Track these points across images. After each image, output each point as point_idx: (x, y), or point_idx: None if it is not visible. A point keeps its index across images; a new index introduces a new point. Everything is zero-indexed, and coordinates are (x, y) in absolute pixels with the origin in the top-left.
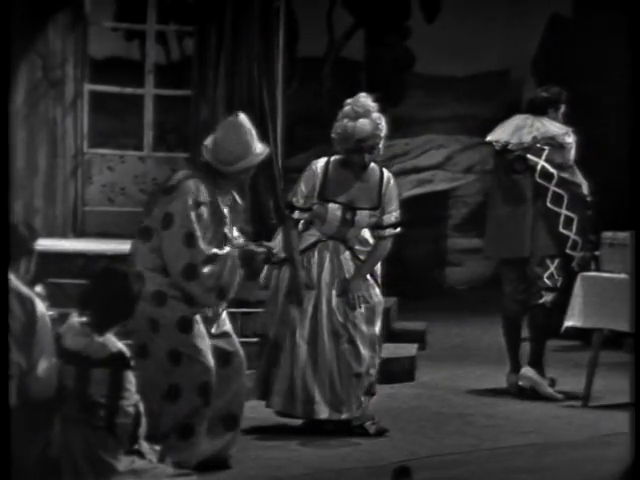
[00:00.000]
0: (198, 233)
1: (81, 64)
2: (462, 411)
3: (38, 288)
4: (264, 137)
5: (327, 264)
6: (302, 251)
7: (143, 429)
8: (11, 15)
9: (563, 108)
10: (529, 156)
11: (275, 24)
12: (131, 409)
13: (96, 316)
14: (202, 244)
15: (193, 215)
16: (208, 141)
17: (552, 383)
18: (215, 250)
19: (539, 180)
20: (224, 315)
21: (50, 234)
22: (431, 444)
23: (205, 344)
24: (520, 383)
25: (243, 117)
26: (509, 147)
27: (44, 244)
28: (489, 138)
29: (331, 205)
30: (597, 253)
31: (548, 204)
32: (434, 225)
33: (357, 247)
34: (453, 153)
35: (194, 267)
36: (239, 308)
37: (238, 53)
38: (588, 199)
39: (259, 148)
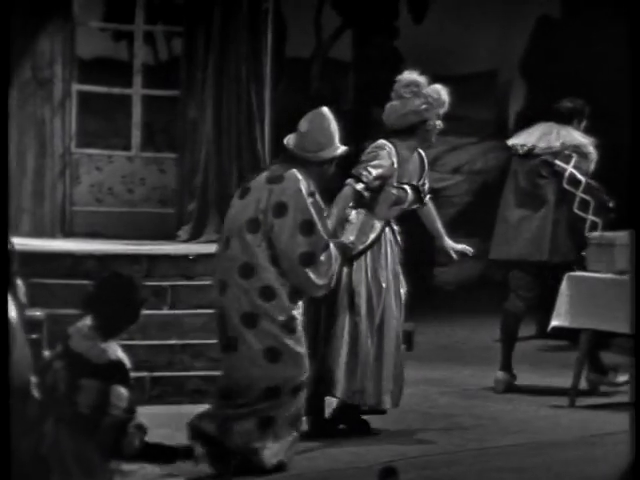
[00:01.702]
0: (316, 220)
1: (69, 64)
2: (449, 411)
3: (18, 281)
4: (251, 139)
5: (389, 254)
6: (371, 244)
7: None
8: (11, 15)
9: (585, 122)
10: (557, 162)
11: (263, 25)
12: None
13: (101, 321)
14: (321, 231)
15: (309, 203)
16: (291, 135)
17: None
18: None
19: (566, 186)
20: None
21: (38, 234)
22: (418, 444)
23: (304, 347)
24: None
25: (327, 110)
26: (535, 151)
27: (32, 244)
28: (512, 142)
29: (408, 188)
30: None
31: (575, 209)
32: (422, 225)
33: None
34: (441, 153)
35: (312, 255)
36: None
37: (226, 54)
38: (611, 204)
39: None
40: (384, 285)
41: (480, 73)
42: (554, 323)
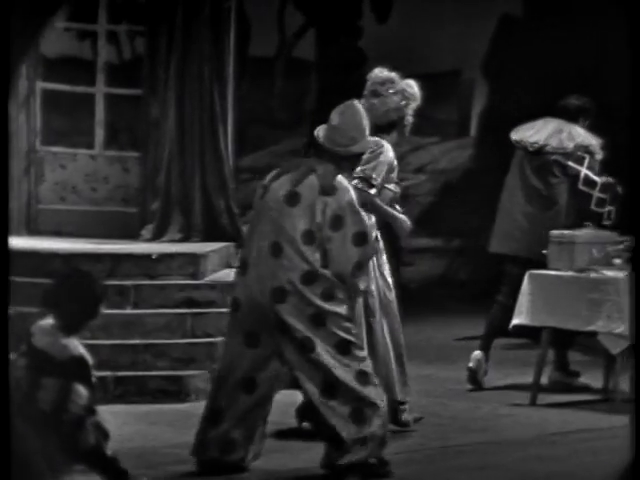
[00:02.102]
0: (369, 231)
1: (34, 62)
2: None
3: None
4: (214, 137)
5: (382, 250)
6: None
7: (91, 443)
8: (11, 15)
9: (590, 121)
10: (571, 164)
11: (226, 24)
12: (81, 424)
13: (61, 317)
14: (372, 240)
15: (363, 213)
16: (321, 127)
17: (577, 374)
18: None
19: (582, 187)
20: None
21: None
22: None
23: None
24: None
25: (358, 104)
26: (546, 149)
27: None
28: (518, 137)
29: (397, 186)
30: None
31: (592, 207)
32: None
33: None
34: (404, 153)
35: (362, 264)
36: (190, 309)
37: (189, 53)
38: (620, 190)
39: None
40: (389, 280)
41: (443, 73)
42: (515, 321)
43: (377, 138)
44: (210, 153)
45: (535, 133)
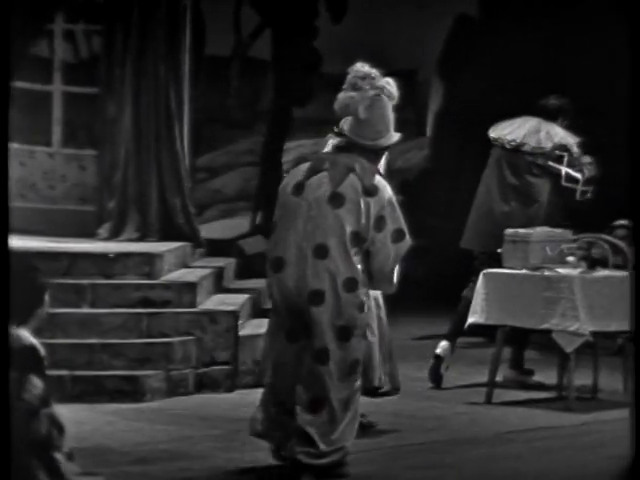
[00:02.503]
0: (406, 229)
1: None
2: (366, 409)
3: None
4: (170, 137)
5: None
6: None
7: (43, 434)
8: (11, 15)
9: (568, 120)
10: (550, 163)
11: (181, 23)
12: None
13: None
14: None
15: (399, 211)
16: (346, 120)
17: (531, 372)
18: None
19: (565, 184)
20: None
21: None
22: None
23: None
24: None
25: (385, 98)
26: (524, 148)
27: None
28: (496, 134)
29: None
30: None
31: (578, 198)
32: None
33: None
34: None
35: (397, 261)
36: (146, 308)
37: (145, 52)
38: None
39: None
40: None
41: (399, 73)
42: (471, 320)
43: None
44: (166, 152)
45: (513, 131)
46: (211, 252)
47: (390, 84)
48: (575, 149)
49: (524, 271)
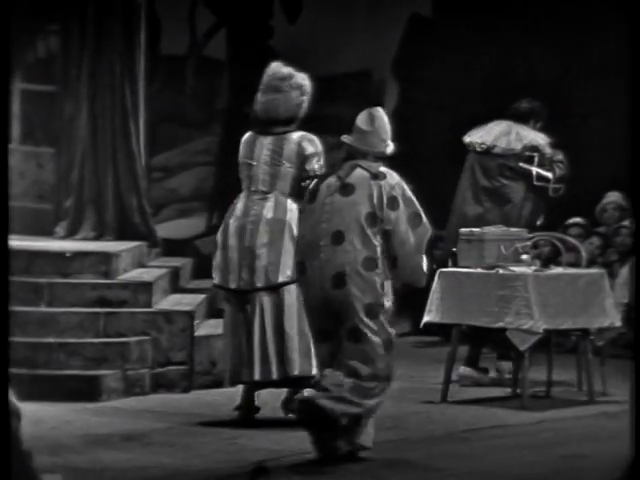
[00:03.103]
0: (422, 212)
1: None
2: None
3: None
4: (126, 136)
5: None
6: None
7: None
8: (11, 15)
9: (541, 123)
10: (521, 164)
11: (136, 22)
12: None
13: None
14: (427, 222)
15: (411, 195)
16: (348, 136)
17: (487, 371)
18: None
19: (537, 183)
20: None
21: None
22: (292, 443)
23: None
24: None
25: (382, 109)
26: (494, 150)
27: None
28: (468, 139)
29: None
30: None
31: (550, 194)
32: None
33: None
34: None
35: (420, 245)
36: (103, 308)
37: (101, 51)
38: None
39: None
40: None
41: (354, 73)
42: (426, 319)
43: (303, 132)
44: (122, 151)
45: (484, 135)
46: (167, 252)
47: (305, 79)
48: (547, 149)
49: (479, 270)
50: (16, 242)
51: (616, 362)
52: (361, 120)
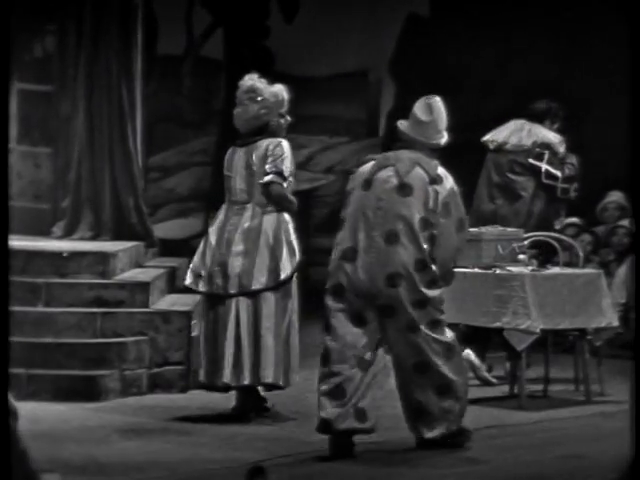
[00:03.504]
0: (466, 218)
1: None
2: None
3: None
4: (123, 136)
5: None
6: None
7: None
8: (11, 15)
9: (558, 124)
10: (531, 161)
11: (133, 22)
12: None
13: None
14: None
15: (460, 201)
16: (404, 123)
17: (489, 369)
18: None
19: (546, 181)
20: None
21: None
22: (289, 443)
23: None
24: None
25: (434, 99)
26: (506, 147)
27: None
28: (485, 138)
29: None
30: None
31: (559, 195)
32: (296, 225)
33: None
34: (314, 153)
35: (462, 250)
36: (100, 308)
37: (97, 51)
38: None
39: None
40: None
41: (351, 73)
42: None
43: (272, 139)
44: (119, 151)
45: (497, 132)
46: (164, 252)
47: (275, 95)
48: (559, 149)
49: (476, 270)
50: (13, 242)
51: (613, 362)
52: (419, 109)
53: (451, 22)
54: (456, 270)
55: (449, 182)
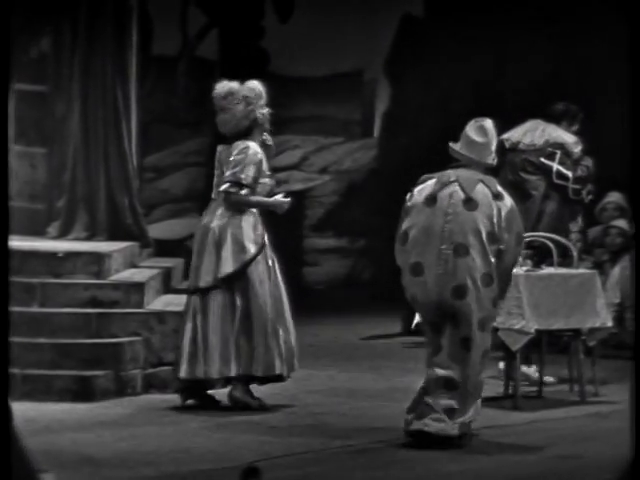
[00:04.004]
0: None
1: None
2: (314, 410)
3: None
4: (118, 136)
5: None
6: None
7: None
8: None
9: (577, 126)
10: (542, 160)
11: (128, 22)
12: None
13: None
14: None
15: (519, 217)
16: (459, 145)
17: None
18: None
19: (557, 181)
20: None
21: None
22: (283, 443)
23: None
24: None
25: (484, 122)
26: (519, 146)
27: None
28: (501, 137)
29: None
30: None
31: (570, 196)
32: (290, 226)
33: None
34: (308, 153)
35: (515, 265)
36: (95, 308)
37: (92, 51)
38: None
39: None
40: (278, 270)
41: (346, 73)
42: (417, 320)
43: (240, 141)
44: (114, 151)
45: (513, 132)
46: (159, 252)
47: (252, 89)
48: (574, 149)
49: None
50: (9, 242)
51: (607, 362)
52: (472, 131)
53: (446, 22)
54: None
55: (509, 199)
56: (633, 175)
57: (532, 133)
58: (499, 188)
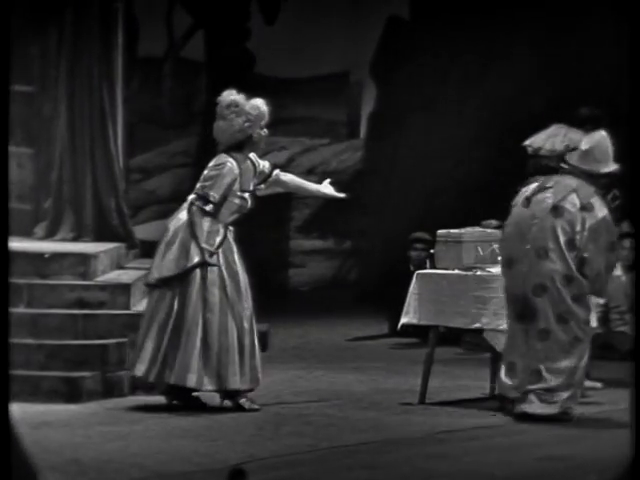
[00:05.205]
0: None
1: None
2: (301, 412)
3: None
4: (104, 137)
5: (236, 252)
6: (218, 246)
7: None
8: (11, 15)
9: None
10: (562, 165)
11: (114, 24)
12: None
13: None
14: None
15: (614, 227)
16: (574, 153)
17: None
18: None
19: None
20: None
21: None
22: (269, 445)
23: None
24: None
25: (601, 133)
26: (541, 152)
27: None
28: (524, 143)
29: (248, 196)
30: None
31: None
32: (276, 227)
33: None
34: (295, 155)
35: (612, 268)
36: (81, 309)
37: (78, 52)
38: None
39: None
40: (241, 279)
41: (332, 74)
42: (403, 320)
43: (224, 156)
44: (100, 152)
45: (536, 138)
46: (145, 253)
47: (255, 107)
48: None
49: (456, 271)
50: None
51: (592, 363)
52: (583, 140)
53: (432, 25)
54: (445, 272)
55: (601, 211)
56: (633, 175)
57: (554, 139)
58: (592, 200)
